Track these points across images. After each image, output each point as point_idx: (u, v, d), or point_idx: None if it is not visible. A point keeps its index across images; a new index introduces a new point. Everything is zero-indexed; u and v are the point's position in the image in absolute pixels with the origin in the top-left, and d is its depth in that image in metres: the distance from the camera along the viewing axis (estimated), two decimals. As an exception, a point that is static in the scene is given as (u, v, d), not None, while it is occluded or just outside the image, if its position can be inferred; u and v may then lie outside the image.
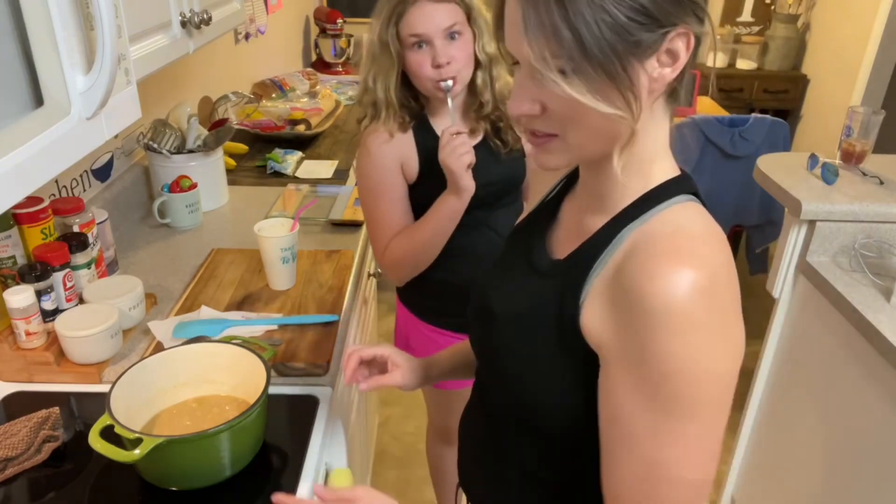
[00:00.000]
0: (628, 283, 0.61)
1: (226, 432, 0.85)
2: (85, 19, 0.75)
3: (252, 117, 2.28)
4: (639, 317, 0.60)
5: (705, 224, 0.66)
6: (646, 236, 0.65)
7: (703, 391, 0.60)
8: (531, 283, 0.76)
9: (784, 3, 3.87)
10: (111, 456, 0.81)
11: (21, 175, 0.66)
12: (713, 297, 0.60)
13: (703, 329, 0.59)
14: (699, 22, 0.62)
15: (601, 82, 0.60)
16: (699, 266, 0.60)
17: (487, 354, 0.82)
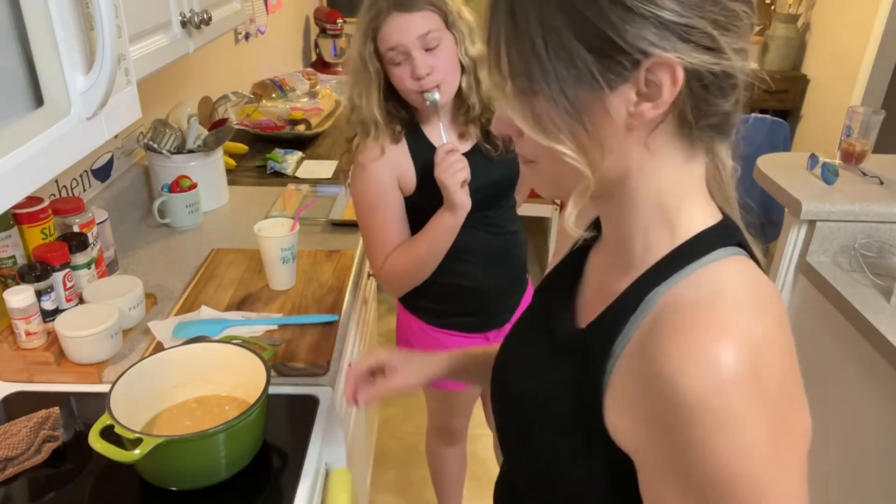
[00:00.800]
0: (654, 367, 0.50)
1: (226, 432, 0.85)
2: (85, 19, 0.75)
3: (252, 117, 2.28)
4: (669, 410, 0.49)
5: (751, 285, 0.54)
6: (675, 304, 0.53)
7: (767, 487, 0.48)
8: (552, 359, 0.65)
9: (784, 3, 3.88)
10: (111, 456, 0.81)
11: (21, 175, 0.66)
12: (760, 379, 0.48)
13: (752, 420, 0.47)
14: (704, 51, 0.50)
15: (553, 114, 0.52)
16: (739, 343, 0.48)
17: (509, 436, 0.71)
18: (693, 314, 0.51)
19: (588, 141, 0.53)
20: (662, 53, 0.49)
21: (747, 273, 0.55)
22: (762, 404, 0.48)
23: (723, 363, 0.47)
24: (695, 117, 0.54)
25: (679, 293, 0.54)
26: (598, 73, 0.50)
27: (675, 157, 0.56)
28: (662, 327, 0.52)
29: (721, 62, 0.51)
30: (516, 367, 0.71)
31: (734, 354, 0.47)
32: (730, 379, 0.47)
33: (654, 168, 0.56)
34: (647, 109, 0.51)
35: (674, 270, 0.55)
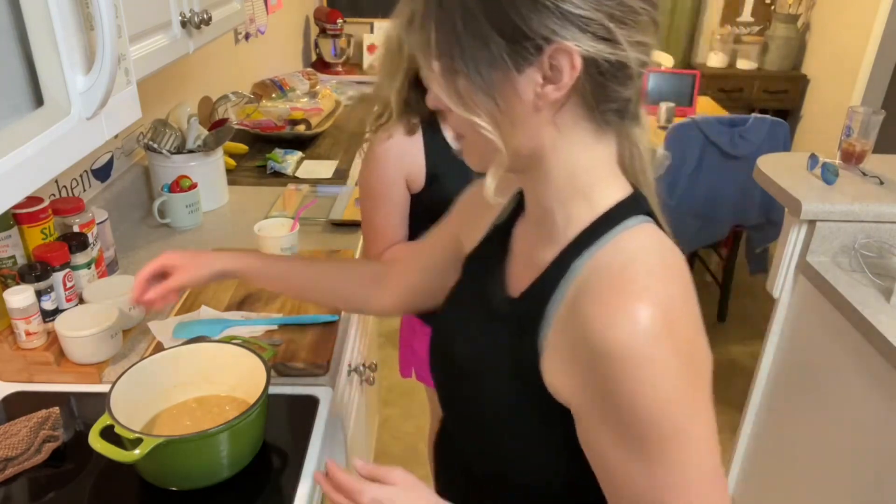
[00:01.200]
0: (583, 328, 0.58)
1: (226, 432, 0.85)
2: (85, 19, 0.75)
3: (252, 117, 2.28)
4: (600, 365, 0.57)
5: (658, 249, 0.62)
6: (596, 270, 0.61)
7: (687, 424, 0.57)
8: (489, 325, 0.72)
9: (784, 3, 3.88)
10: (111, 456, 0.81)
11: (21, 175, 0.66)
12: (673, 333, 0.56)
13: (670, 369, 0.56)
14: (600, 41, 0.56)
15: (471, 91, 0.58)
16: (655, 303, 0.56)
17: (455, 405, 0.78)
18: (612, 279, 0.59)
19: (501, 117, 0.59)
20: (562, 41, 0.55)
21: (655, 238, 0.63)
22: (676, 353, 0.56)
23: (641, 320, 0.55)
24: (596, 101, 0.60)
25: (599, 260, 0.61)
26: (507, 57, 0.57)
27: (585, 138, 0.62)
28: (588, 292, 0.60)
29: (616, 52, 0.57)
30: (456, 333, 0.77)
31: (650, 313, 0.55)
32: (648, 333, 0.55)
33: (565, 146, 0.62)
34: (551, 91, 0.57)
35: (594, 240, 0.62)
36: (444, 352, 0.79)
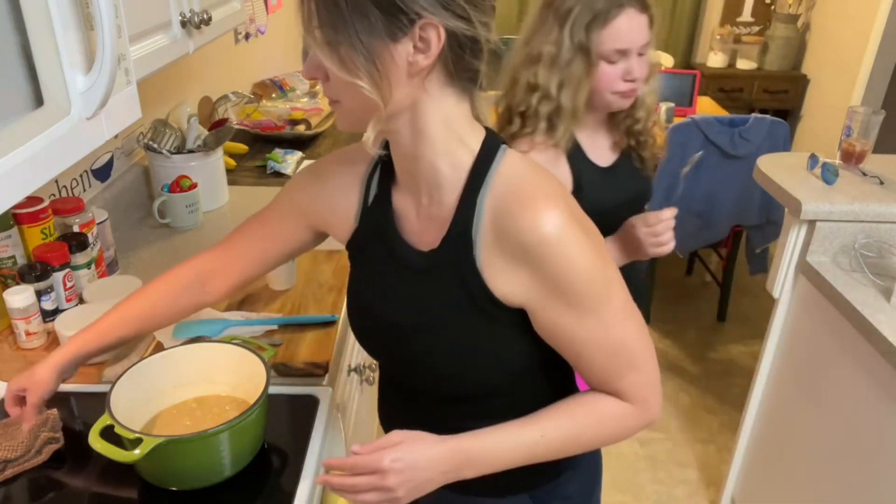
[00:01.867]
0: (515, 237, 0.73)
1: (226, 432, 0.85)
2: (85, 19, 0.75)
3: (252, 117, 2.29)
4: (542, 260, 0.72)
5: (531, 166, 0.78)
6: (504, 196, 0.74)
7: (606, 276, 0.76)
8: (418, 281, 0.81)
9: (784, 3, 3.88)
10: (111, 456, 0.81)
11: (21, 175, 0.66)
12: (574, 216, 0.74)
13: (583, 237, 0.73)
14: (459, 19, 0.67)
15: (353, 58, 0.67)
16: (555, 199, 0.73)
17: (411, 362, 0.86)
18: (520, 196, 0.74)
19: (380, 80, 0.68)
20: (430, 17, 0.66)
21: (522, 159, 0.78)
22: (583, 231, 0.74)
23: (554, 215, 0.72)
24: (455, 69, 0.71)
25: (497, 188, 0.75)
26: (384, 28, 0.66)
27: (450, 99, 0.74)
28: (505, 212, 0.73)
29: (471, 29, 0.69)
30: (390, 300, 0.84)
31: (557, 209, 0.72)
32: (562, 222, 0.72)
33: (437, 107, 0.73)
34: (421, 59, 0.68)
35: (483, 174, 0.75)
36: (378, 317, 0.87)
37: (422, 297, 0.81)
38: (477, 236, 0.76)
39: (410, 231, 0.83)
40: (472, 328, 0.79)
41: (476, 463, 0.80)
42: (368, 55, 0.67)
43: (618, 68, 1.16)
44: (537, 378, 0.87)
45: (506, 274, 0.75)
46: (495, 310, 0.77)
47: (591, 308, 0.75)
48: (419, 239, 0.82)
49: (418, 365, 0.85)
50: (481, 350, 0.80)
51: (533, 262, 0.73)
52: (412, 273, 0.82)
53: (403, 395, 0.95)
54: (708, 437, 2.41)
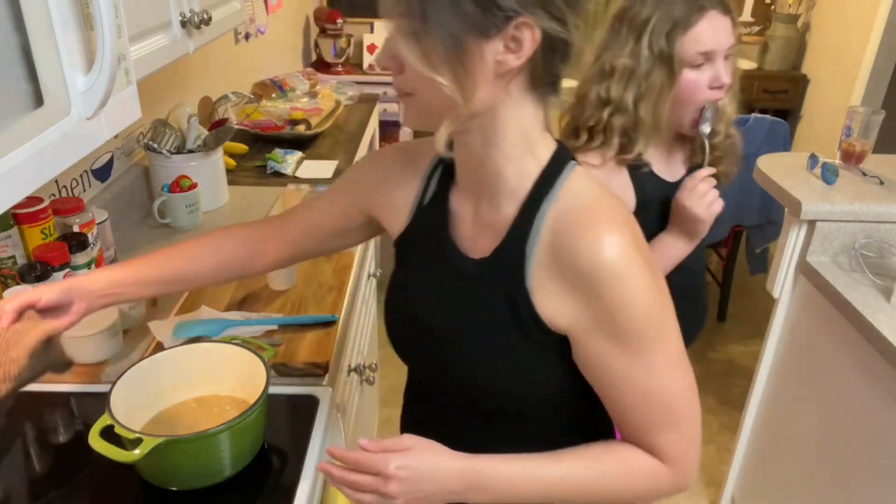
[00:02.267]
0: (571, 258, 0.69)
1: (226, 432, 0.85)
2: (85, 19, 0.75)
3: (252, 117, 2.28)
4: (597, 288, 0.68)
5: (600, 188, 0.74)
6: (567, 214, 0.71)
7: (663, 320, 0.72)
8: (464, 288, 0.78)
9: (784, 3, 3.87)
10: (111, 456, 0.81)
11: (21, 175, 0.66)
12: (639, 248, 0.70)
13: (645, 272, 0.69)
14: (555, 20, 0.65)
15: (437, 51, 0.64)
16: (621, 225, 0.70)
17: (443, 369, 0.82)
18: (584, 216, 0.70)
19: (464, 77, 0.65)
20: (528, 16, 0.63)
21: (591, 179, 0.75)
22: (646, 265, 0.70)
23: (618, 243, 0.68)
24: (543, 73, 0.69)
25: (562, 204, 0.72)
26: (477, 23, 0.63)
27: (529, 105, 0.71)
28: (566, 231, 0.70)
29: (565, 32, 0.66)
30: (432, 304, 0.81)
31: (622, 236, 0.69)
32: (625, 251, 0.68)
33: (516, 112, 0.70)
34: (511, 60, 0.65)
35: (548, 189, 0.72)
36: (417, 320, 0.83)
37: (465, 305, 0.78)
38: (531, 251, 0.72)
39: (463, 236, 0.80)
40: (510, 343, 0.75)
41: (486, 488, 0.74)
42: (455, 50, 0.64)
43: (704, 74, 1.11)
44: (571, 410, 0.82)
45: (555, 296, 0.71)
46: (537, 330, 0.73)
47: (638, 349, 0.70)
48: (472, 245, 0.79)
49: (449, 373, 0.81)
50: (516, 367, 0.76)
51: (586, 288, 0.69)
52: (459, 279, 0.79)
53: (428, 403, 0.92)
54: (708, 436, 2.41)
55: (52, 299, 0.83)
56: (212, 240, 0.98)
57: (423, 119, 0.71)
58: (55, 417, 1.04)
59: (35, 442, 0.99)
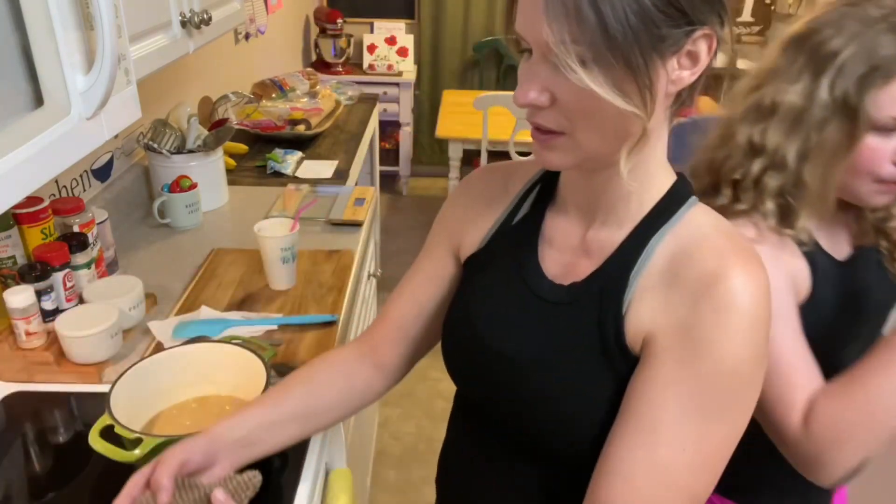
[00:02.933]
0: (693, 285, 0.61)
1: (226, 432, 0.85)
2: (85, 19, 0.75)
3: (252, 117, 2.29)
4: (708, 311, 0.59)
5: (725, 222, 0.67)
6: (689, 242, 0.64)
7: (745, 395, 0.61)
8: (547, 314, 0.71)
9: (784, 3, 3.88)
10: (111, 456, 0.81)
11: (21, 175, 0.66)
12: (769, 301, 0.61)
13: (763, 332, 0.60)
14: (721, 25, 0.59)
15: (620, 75, 0.56)
16: (761, 270, 0.61)
17: (519, 402, 0.72)
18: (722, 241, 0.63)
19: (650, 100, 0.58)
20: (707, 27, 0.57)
21: (714, 213, 0.68)
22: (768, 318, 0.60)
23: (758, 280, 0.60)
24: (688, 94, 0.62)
25: (683, 231, 0.65)
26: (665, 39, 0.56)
27: (666, 129, 0.65)
28: (690, 256, 0.63)
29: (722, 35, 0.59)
30: (509, 333, 0.73)
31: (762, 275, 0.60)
32: (761, 293, 0.59)
33: (661, 133, 0.65)
34: (686, 76, 0.59)
35: (668, 217, 0.66)
36: (491, 350, 0.74)
37: (549, 332, 0.70)
38: (636, 277, 0.65)
39: (552, 260, 0.73)
40: (594, 372, 0.67)
41: None
42: (646, 74, 0.56)
43: (890, 144, 0.83)
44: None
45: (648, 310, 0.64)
46: (619, 354, 0.65)
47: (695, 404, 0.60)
48: (563, 270, 0.72)
49: (527, 406, 0.71)
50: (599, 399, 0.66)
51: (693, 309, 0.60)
52: (543, 305, 0.71)
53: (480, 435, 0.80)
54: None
55: (198, 462, 0.74)
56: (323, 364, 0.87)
57: (577, 157, 0.63)
58: (55, 417, 1.04)
59: (35, 442, 0.99)
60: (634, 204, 0.68)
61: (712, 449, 0.61)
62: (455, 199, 0.85)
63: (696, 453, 0.60)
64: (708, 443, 0.60)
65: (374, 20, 4.03)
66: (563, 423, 0.68)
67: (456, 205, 0.85)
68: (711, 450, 0.61)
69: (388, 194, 4.24)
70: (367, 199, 1.74)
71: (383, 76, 3.90)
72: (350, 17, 3.90)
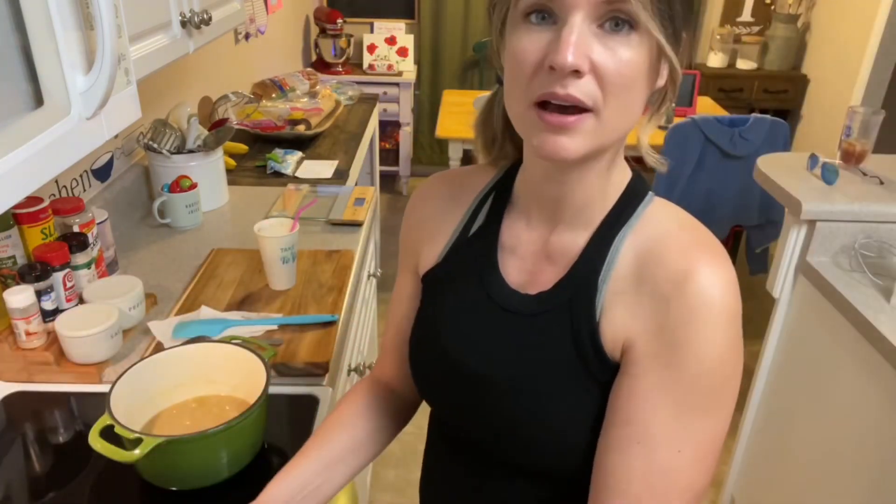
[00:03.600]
0: (663, 286, 0.60)
1: (225, 432, 0.85)
2: (85, 19, 0.75)
3: (252, 117, 2.29)
4: (680, 313, 0.59)
5: (685, 213, 0.67)
6: (653, 240, 0.64)
7: (728, 387, 0.61)
8: (519, 327, 0.69)
9: (784, 3, 3.87)
10: (111, 456, 0.81)
11: (21, 175, 0.66)
12: (737, 290, 0.61)
13: (736, 324, 0.60)
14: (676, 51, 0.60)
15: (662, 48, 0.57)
16: (726, 262, 0.61)
17: (500, 424, 0.70)
18: (682, 239, 0.62)
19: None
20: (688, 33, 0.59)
21: (678, 210, 0.68)
22: (738, 314, 0.61)
23: (722, 274, 0.60)
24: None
25: (647, 230, 0.64)
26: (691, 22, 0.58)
27: None
28: (656, 256, 0.62)
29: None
30: (478, 348, 0.70)
31: (726, 268, 0.60)
32: (727, 287, 0.60)
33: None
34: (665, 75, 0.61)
35: (629, 214, 0.66)
36: (462, 371, 0.71)
37: (521, 347, 0.68)
38: (604, 280, 0.64)
39: (514, 269, 0.71)
40: (575, 384, 0.65)
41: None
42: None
43: None
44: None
45: (622, 318, 0.63)
46: (597, 361, 0.64)
47: (689, 401, 0.60)
48: (524, 279, 0.70)
49: (510, 426, 0.69)
50: (576, 413, 0.65)
51: (665, 313, 0.60)
52: (511, 317, 0.69)
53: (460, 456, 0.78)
54: (708, 437, 2.40)
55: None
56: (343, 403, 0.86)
57: (597, 142, 0.59)
58: (55, 417, 1.04)
59: (35, 442, 0.99)
60: (600, 201, 0.66)
61: (707, 443, 0.61)
62: (408, 217, 0.83)
63: (692, 451, 0.60)
64: (702, 438, 0.60)
65: (374, 20, 4.03)
66: (550, 439, 0.66)
67: (409, 222, 0.82)
68: (706, 444, 0.61)
69: (388, 194, 4.24)
70: (367, 199, 1.74)
71: (383, 76, 3.90)
72: (350, 17, 3.90)
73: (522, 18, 0.58)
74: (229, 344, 1.00)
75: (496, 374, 0.69)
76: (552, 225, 0.69)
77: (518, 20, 0.59)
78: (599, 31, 0.55)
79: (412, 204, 0.82)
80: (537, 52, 0.57)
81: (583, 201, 0.66)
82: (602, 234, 0.66)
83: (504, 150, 0.76)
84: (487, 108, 0.76)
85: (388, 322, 0.88)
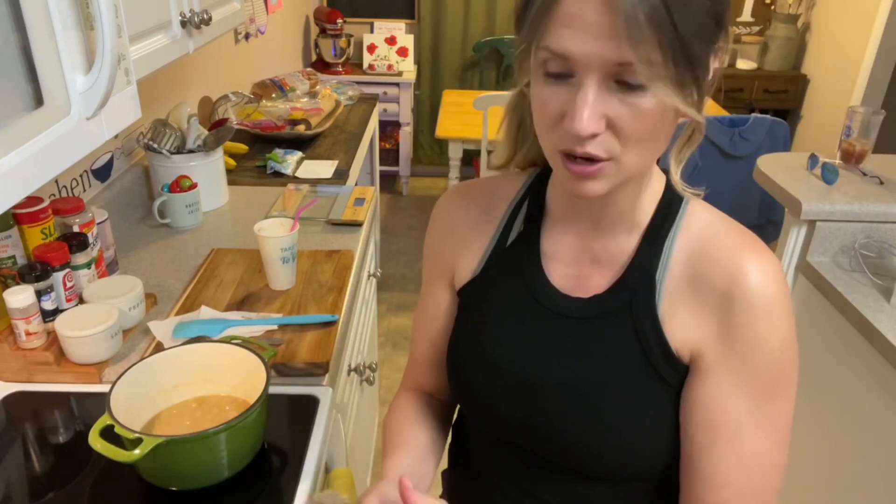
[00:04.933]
0: (718, 287, 0.63)
1: (225, 432, 0.85)
2: (85, 19, 0.75)
3: (252, 117, 2.29)
4: (743, 312, 0.62)
5: (722, 214, 0.70)
6: (703, 240, 0.66)
7: (795, 367, 0.65)
8: (575, 332, 0.69)
9: (784, 3, 3.87)
10: (111, 456, 0.81)
11: (21, 175, 0.66)
12: (785, 280, 0.65)
13: (790, 308, 0.64)
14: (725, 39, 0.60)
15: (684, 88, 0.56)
16: (772, 255, 0.65)
17: (552, 429, 0.69)
18: (727, 242, 0.65)
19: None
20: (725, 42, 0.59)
21: (709, 206, 0.70)
22: (790, 300, 0.64)
23: (773, 268, 0.63)
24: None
25: (693, 230, 0.67)
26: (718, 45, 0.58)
27: None
28: (708, 254, 0.65)
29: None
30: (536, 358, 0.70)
31: (774, 261, 0.64)
32: (778, 281, 0.63)
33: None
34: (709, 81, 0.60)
35: (674, 216, 0.68)
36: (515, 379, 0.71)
37: (579, 351, 0.68)
38: (662, 280, 0.66)
39: (558, 275, 0.72)
40: (645, 386, 0.66)
41: None
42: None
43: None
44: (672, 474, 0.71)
45: (687, 322, 0.65)
46: (666, 364, 0.66)
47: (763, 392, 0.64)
48: (570, 284, 0.71)
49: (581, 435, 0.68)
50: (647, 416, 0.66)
51: (728, 314, 0.63)
52: (565, 322, 0.70)
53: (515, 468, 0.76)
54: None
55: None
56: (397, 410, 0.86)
57: (618, 181, 0.61)
58: (55, 417, 1.04)
59: (35, 442, 0.99)
60: (641, 213, 0.69)
61: (784, 421, 0.65)
62: (437, 229, 0.82)
63: (773, 433, 0.65)
64: (779, 418, 0.65)
65: (374, 20, 4.03)
66: (624, 446, 0.67)
67: (438, 234, 0.81)
68: (783, 422, 0.65)
69: (388, 194, 4.24)
70: (367, 199, 1.74)
71: (383, 76, 3.90)
72: (350, 17, 3.90)
73: (542, 68, 0.58)
74: (229, 344, 1.00)
75: (553, 380, 0.69)
76: (593, 230, 0.71)
77: (538, 67, 0.59)
78: (616, 85, 0.55)
79: (438, 216, 0.82)
80: (557, 108, 0.58)
81: (623, 209, 0.69)
82: (652, 235, 0.68)
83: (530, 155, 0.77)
84: (517, 114, 0.75)
85: (419, 336, 0.87)
